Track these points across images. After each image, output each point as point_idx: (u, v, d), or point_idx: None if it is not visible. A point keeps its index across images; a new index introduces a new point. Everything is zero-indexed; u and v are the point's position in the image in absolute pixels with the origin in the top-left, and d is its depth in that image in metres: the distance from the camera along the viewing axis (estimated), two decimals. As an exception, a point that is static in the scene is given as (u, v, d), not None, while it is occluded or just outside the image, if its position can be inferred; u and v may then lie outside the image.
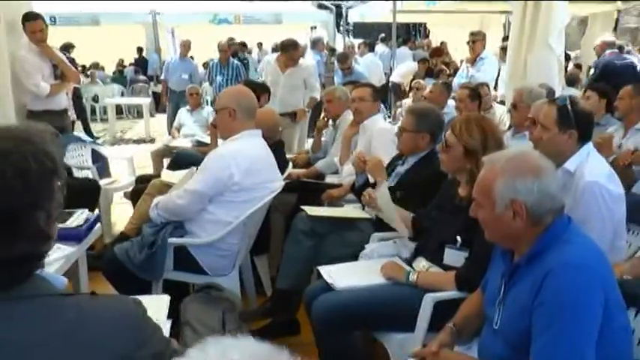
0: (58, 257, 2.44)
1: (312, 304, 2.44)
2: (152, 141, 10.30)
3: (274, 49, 12.09)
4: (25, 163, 1.12)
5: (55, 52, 5.08)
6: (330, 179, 4.28)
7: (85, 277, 2.89)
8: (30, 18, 4.86)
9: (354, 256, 2.90)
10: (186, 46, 9.46)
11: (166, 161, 5.86)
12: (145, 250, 3.00)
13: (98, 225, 2.89)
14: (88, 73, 13.62)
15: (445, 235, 2.38)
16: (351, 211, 3.42)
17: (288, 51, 6.42)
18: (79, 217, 2.75)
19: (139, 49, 16.14)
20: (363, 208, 3.30)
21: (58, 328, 1.11)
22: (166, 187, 3.82)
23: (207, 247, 3.04)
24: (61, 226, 2.61)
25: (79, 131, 10.40)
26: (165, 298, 2.10)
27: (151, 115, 12.42)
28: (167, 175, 4.15)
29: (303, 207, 3.39)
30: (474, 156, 2.36)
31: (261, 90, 5.81)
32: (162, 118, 10.65)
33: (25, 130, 1.19)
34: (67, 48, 10.08)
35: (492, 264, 1.87)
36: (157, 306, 1.96)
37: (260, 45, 16.43)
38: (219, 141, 3.48)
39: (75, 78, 5.26)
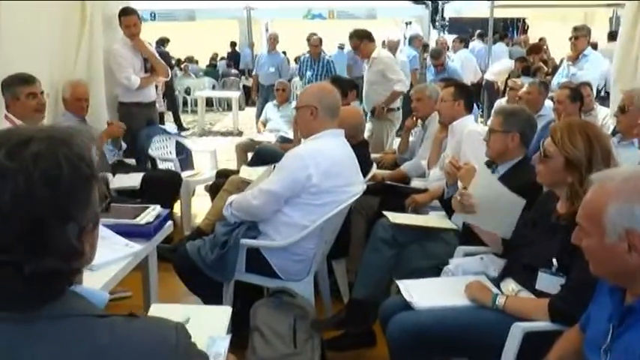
0: (125, 255, 2.38)
1: (389, 321, 2.25)
2: (239, 134, 10.41)
3: (368, 45, 11.88)
4: (56, 167, 0.99)
5: (146, 46, 5.18)
6: (415, 183, 4.06)
7: (155, 273, 2.83)
8: (125, 13, 4.99)
9: (437, 269, 2.69)
10: (274, 39, 9.44)
11: (250, 156, 5.82)
12: (216, 249, 2.92)
13: (170, 222, 2.82)
14: (182, 66, 13.98)
15: (539, 257, 2.12)
16: (435, 219, 3.20)
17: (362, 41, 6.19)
18: (150, 213, 2.69)
19: (232, 44, 16.39)
20: (450, 218, 3.07)
21: (88, 352, 0.99)
22: (244, 183, 3.75)
23: (281, 250, 2.92)
24: (131, 222, 2.58)
25: (169, 122, 10.80)
26: (227, 310, 1.97)
27: (241, 109, 12.60)
28: (245, 172, 4.08)
29: (385, 213, 3.20)
30: (577, 169, 2.09)
31: (349, 86, 5.67)
32: (251, 112, 10.76)
33: (64, 131, 1.06)
34: (162, 42, 10.39)
35: (596, 299, 1.61)
36: (217, 318, 1.84)
37: (355, 40, 16.20)
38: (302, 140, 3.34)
39: (164, 72, 5.31)
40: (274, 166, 3.12)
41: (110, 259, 2.32)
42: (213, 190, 4.41)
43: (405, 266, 2.89)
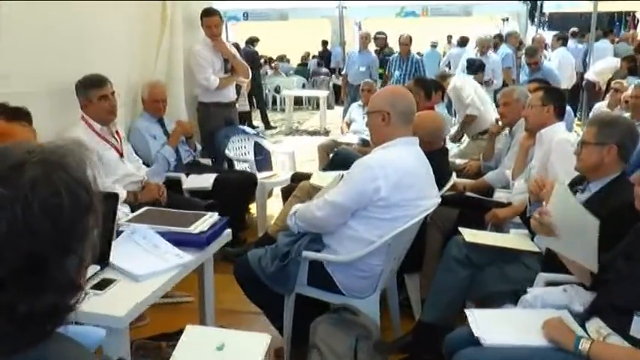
0: (174, 265, 2.27)
1: (453, 357, 2.00)
2: (326, 133, 10.31)
3: (460, 43, 11.46)
4: (55, 195, 0.90)
5: (227, 47, 5.14)
6: (499, 194, 3.73)
7: (211, 282, 2.72)
8: (208, 14, 4.97)
9: (514, 296, 2.39)
10: (366, 38, 9.24)
11: (332, 157, 5.68)
12: (276, 261, 2.77)
13: (228, 231, 2.69)
14: (273, 65, 14.07)
15: (635, 297, 1.80)
16: (516, 239, 2.88)
17: None
18: (206, 221, 2.58)
19: (324, 43, 16.35)
20: (532, 239, 2.75)
21: None
22: (314, 190, 3.62)
23: (345, 265, 2.72)
24: (183, 230, 2.47)
25: (257, 120, 10.88)
26: (265, 339, 1.80)
27: (330, 108, 12.52)
28: (317, 178, 3.91)
29: (460, 229, 2.93)
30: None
31: (434, 87, 5.39)
32: (341, 111, 10.65)
33: (56, 151, 0.96)
34: (251, 42, 10.45)
35: None
36: (254, 346, 1.67)
37: (449, 38, 15.69)
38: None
39: (244, 72, 5.25)
40: (342, 175, 2.93)
41: (158, 269, 2.23)
42: (286, 193, 4.29)
43: (480, 289, 2.61)
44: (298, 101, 13.21)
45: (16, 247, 0.86)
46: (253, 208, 5.10)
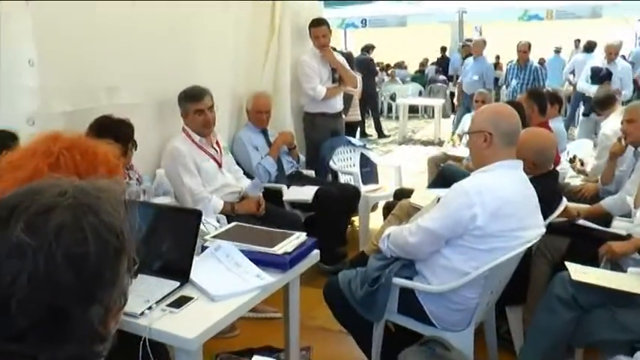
0: (253, 287, 2.20)
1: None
2: (440, 144, 9.99)
3: (586, 48, 10.66)
4: (82, 243, 0.85)
5: (335, 56, 5.08)
6: (617, 224, 3.34)
7: (296, 302, 2.62)
8: (316, 24, 4.94)
9: (630, 348, 2.10)
10: (479, 44, 8.84)
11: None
12: (366, 286, 2.64)
13: (316, 251, 2.59)
14: (389, 72, 13.90)
15: None
16: (635, 280, 2.54)
17: None
18: (292, 242, 2.49)
19: (443, 49, 15.95)
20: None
21: None
22: (414, 210, 3.44)
23: (437, 296, 2.54)
24: (266, 250, 2.40)
25: (370, 128, 10.78)
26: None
27: (446, 117, 12.17)
28: (418, 197, 3.71)
29: (567, 264, 2.63)
30: None
31: (550, 100, 5.00)
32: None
33: (92, 191, 0.91)
34: (367, 49, 10.37)
35: None
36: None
37: (577, 42, 14.64)
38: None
39: (352, 83, 5.19)
40: (439, 199, 2.74)
41: (237, 290, 2.17)
42: (387, 210, 4.13)
43: (587, 336, 2.32)
44: (414, 109, 12.96)
45: (36, 299, 0.82)
46: (357, 221, 4.99)
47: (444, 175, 4.51)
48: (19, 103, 2.72)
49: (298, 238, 2.55)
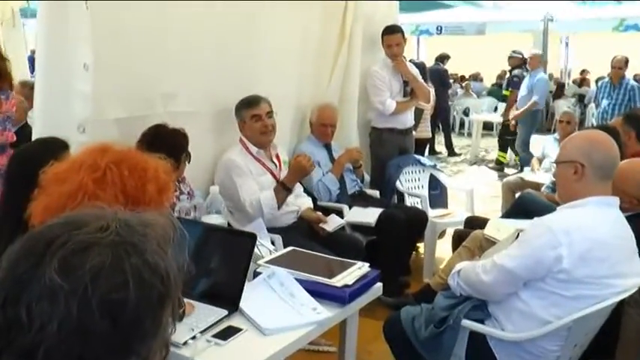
0: (309, 322, 2.13)
1: None
2: (516, 166, 9.72)
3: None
4: (121, 288, 0.80)
5: (408, 68, 5.00)
6: None
7: (353, 339, 2.55)
8: (390, 31, 4.90)
9: None
10: (536, 58, 8.61)
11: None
12: (431, 326, 2.54)
13: (378, 285, 2.51)
14: (464, 84, 13.67)
15: None
16: None
17: None
18: (353, 273, 2.41)
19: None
20: None
21: None
22: (488, 243, 3.35)
23: (512, 344, 2.40)
24: (325, 281, 2.34)
25: (440, 144, 10.59)
26: None
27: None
28: (493, 228, 3.57)
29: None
30: None
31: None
32: (539, 140, 10.05)
33: (137, 227, 0.87)
34: (441, 59, 10.22)
35: None
36: None
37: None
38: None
39: (425, 97, 5.10)
40: (518, 234, 2.61)
41: (290, 324, 2.12)
42: (457, 239, 4.02)
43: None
44: (488, 126, 12.70)
45: (65, 349, 0.78)
46: (421, 248, 4.92)
47: (521, 205, 4.37)
48: (70, 109, 2.77)
49: (360, 269, 2.48)
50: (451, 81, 12.10)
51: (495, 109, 13.42)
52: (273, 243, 3.18)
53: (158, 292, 0.83)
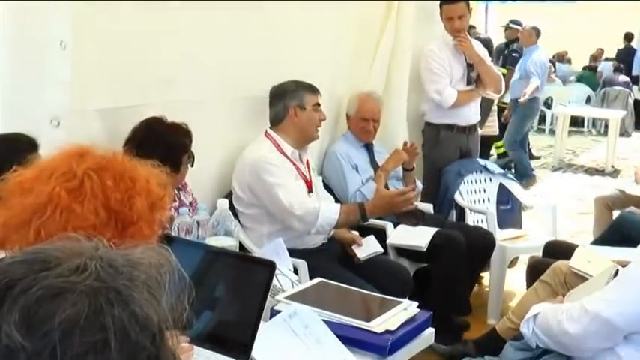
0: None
1: None
2: (614, 174, 9.64)
3: None
4: (100, 350, 0.80)
5: (473, 47, 4.98)
6: None
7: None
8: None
9: None
10: (526, 34, 8.87)
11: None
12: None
13: (430, 330, 2.48)
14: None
15: None
16: None
17: None
18: (397, 315, 2.38)
19: (627, 37, 15.45)
20: None
21: None
22: (575, 279, 3.29)
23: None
24: (361, 325, 2.32)
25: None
26: None
27: (625, 135, 11.75)
28: (582, 258, 3.51)
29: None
30: None
31: None
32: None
33: (119, 265, 0.86)
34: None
35: None
36: None
37: None
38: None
39: (494, 84, 5.06)
40: (617, 270, 2.60)
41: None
42: (534, 271, 3.97)
43: None
44: (577, 122, 12.57)
45: None
46: (486, 279, 4.89)
47: (621, 228, 4.40)
48: (42, 97, 2.78)
49: (407, 309, 2.45)
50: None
51: (587, 99, 13.31)
52: (295, 271, 3.17)
53: (148, 354, 0.83)
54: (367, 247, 3.84)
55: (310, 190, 3.74)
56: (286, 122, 3.68)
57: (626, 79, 13.82)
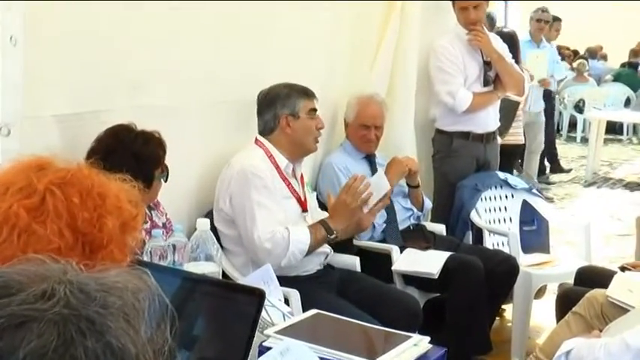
0: None
1: None
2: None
3: None
4: None
5: (490, 42, 5.03)
6: None
7: None
8: None
9: None
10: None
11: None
12: None
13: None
14: (575, 64, 13.63)
15: None
16: None
17: None
18: (406, 352, 2.37)
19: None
20: None
21: None
22: (614, 310, 3.33)
23: None
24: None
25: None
26: None
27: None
28: (622, 287, 3.54)
29: None
30: None
31: None
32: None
33: (91, 290, 0.88)
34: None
35: None
36: None
37: None
38: None
39: (516, 85, 5.10)
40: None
41: None
42: (564, 301, 4.01)
43: None
44: (613, 128, 12.61)
45: None
46: (509, 312, 4.91)
47: None
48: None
49: (417, 345, 2.47)
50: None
51: (627, 101, 13.32)
52: (287, 302, 3.20)
53: None
54: (377, 188, 3.80)
55: (304, 209, 3.77)
56: (278, 133, 3.72)
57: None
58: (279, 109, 3.70)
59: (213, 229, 3.23)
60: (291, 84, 3.76)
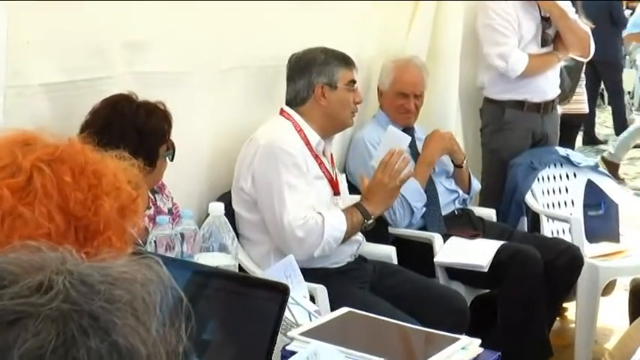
0: None
1: None
2: None
3: None
4: None
5: (557, 3, 4.97)
6: None
7: None
8: None
9: None
10: None
11: None
12: None
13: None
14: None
15: None
16: None
17: None
18: (453, 356, 2.39)
19: None
20: None
21: None
22: None
23: None
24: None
25: (606, 126, 10.48)
26: None
27: None
28: None
29: None
30: None
31: None
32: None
33: (94, 282, 0.88)
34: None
35: None
36: None
37: None
38: None
39: (580, 45, 5.07)
40: None
41: None
42: (638, 298, 3.99)
43: None
44: None
45: None
46: (571, 311, 4.91)
47: None
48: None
49: (465, 349, 2.48)
50: (628, 13, 11.95)
51: None
52: (312, 299, 3.20)
53: None
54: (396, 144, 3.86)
55: (336, 192, 3.78)
56: (310, 104, 3.73)
57: None
58: (315, 76, 3.72)
59: (228, 215, 3.23)
60: (328, 49, 3.78)
